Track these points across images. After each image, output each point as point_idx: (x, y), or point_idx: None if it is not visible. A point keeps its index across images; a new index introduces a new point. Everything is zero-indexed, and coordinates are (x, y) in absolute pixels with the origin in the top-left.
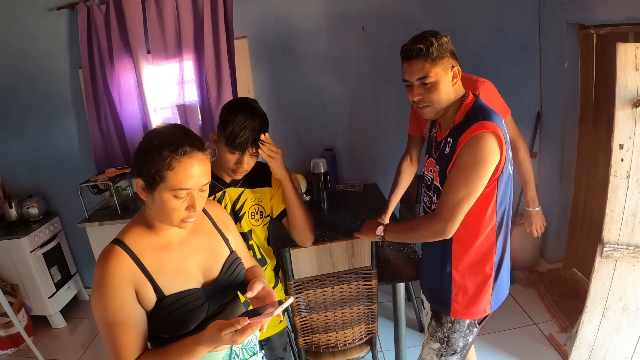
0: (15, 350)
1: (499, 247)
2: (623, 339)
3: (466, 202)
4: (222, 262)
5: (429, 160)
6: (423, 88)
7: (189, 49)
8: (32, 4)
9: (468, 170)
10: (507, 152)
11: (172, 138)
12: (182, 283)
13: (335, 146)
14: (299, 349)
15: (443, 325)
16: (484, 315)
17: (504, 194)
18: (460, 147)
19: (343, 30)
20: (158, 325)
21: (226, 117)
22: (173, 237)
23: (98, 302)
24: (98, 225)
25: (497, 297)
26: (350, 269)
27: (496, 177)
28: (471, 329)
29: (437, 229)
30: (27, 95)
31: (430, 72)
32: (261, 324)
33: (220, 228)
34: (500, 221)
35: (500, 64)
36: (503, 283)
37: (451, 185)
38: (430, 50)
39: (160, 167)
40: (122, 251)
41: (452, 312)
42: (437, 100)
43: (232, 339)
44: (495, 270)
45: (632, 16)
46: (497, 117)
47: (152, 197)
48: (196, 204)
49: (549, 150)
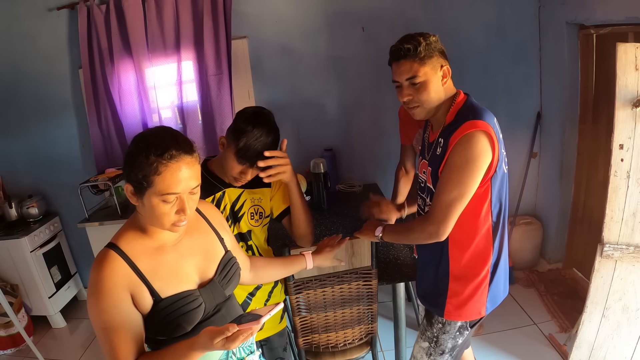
0: (15, 350)
1: (496, 248)
2: (623, 339)
3: (459, 203)
4: (217, 262)
5: (422, 162)
6: (412, 88)
7: (188, 48)
8: (32, 4)
9: (459, 170)
10: (500, 150)
11: (159, 142)
12: (178, 285)
13: (335, 146)
14: (299, 349)
15: (433, 325)
16: (478, 317)
17: (498, 194)
18: (451, 147)
19: (343, 30)
20: (155, 328)
21: (242, 126)
22: (167, 239)
23: (94, 307)
24: (98, 225)
25: (493, 299)
26: (351, 269)
27: (489, 176)
28: (462, 332)
29: (430, 231)
30: (27, 95)
31: (419, 72)
32: (251, 330)
33: (216, 227)
34: (495, 222)
35: (500, 64)
36: (499, 285)
37: (443, 186)
38: (418, 49)
39: (147, 172)
40: (116, 256)
41: (446, 314)
42: (427, 100)
43: (224, 345)
44: (491, 271)
45: (632, 16)
46: (488, 116)
47: (141, 202)
48: (186, 208)
49: (549, 150)
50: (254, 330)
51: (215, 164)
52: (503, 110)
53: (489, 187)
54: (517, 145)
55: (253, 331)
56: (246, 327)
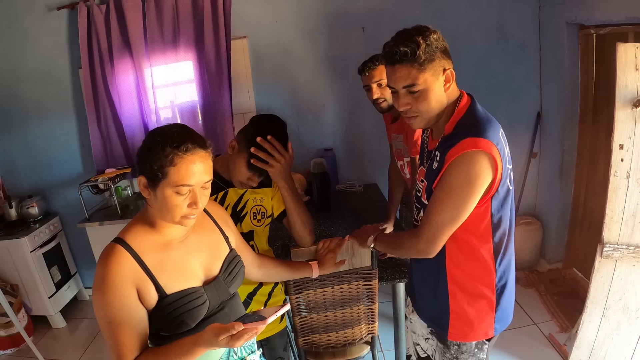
0: (15, 350)
1: (500, 270)
2: (623, 339)
3: (450, 225)
4: (222, 260)
5: (420, 169)
6: (410, 97)
7: (188, 48)
8: (32, 4)
9: (453, 192)
10: (504, 167)
11: (175, 135)
12: (184, 281)
13: (335, 146)
14: (299, 349)
15: (449, 347)
16: (486, 337)
17: (501, 212)
18: (447, 164)
19: (343, 30)
20: (159, 324)
21: (256, 135)
22: (174, 235)
23: (99, 301)
24: (98, 225)
25: (502, 320)
26: (351, 269)
27: (489, 195)
28: (480, 347)
29: (418, 249)
30: (27, 95)
31: (417, 80)
32: (256, 330)
33: (221, 225)
34: (498, 242)
35: (500, 64)
36: (507, 307)
37: (435, 206)
38: (417, 53)
39: (163, 164)
40: (123, 250)
41: (450, 335)
42: (427, 110)
43: (228, 343)
44: (497, 294)
45: (632, 16)
46: (492, 129)
47: (154, 194)
48: (198, 201)
49: (549, 150)
50: (258, 330)
51: (218, 163)
52: (503, 110)
53: (488, 207)
54: (517, 145)
55: (258, 331)
56: (251, 327)
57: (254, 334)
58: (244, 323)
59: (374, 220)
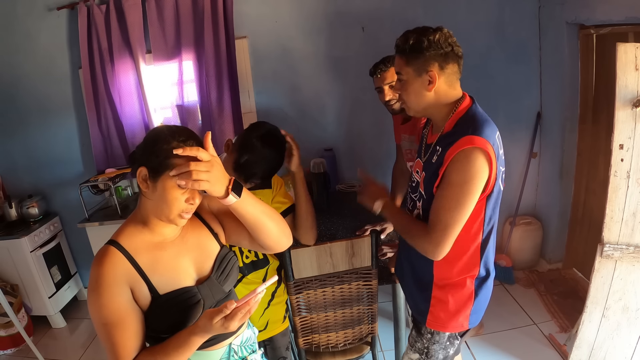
0: (15, 350)
1: (483, 264)
2: (623, 339)
3: (458, 223)
4: (213, 259)
5: (417, 160)
6: (398, 84)
7: (189, 49)
8: (32, 4)
9: (457, 189)
10: (498, 167)
11: (181, 131)
12: (176, 281)
13: (335, 146)
14: (299, 349)
15: (422, 335)
16: (461, 330)
17: (492, 212)
18: (448, 162)
19: (343, 30)
20: (154, 324)
21: (253, 142)
22: (167, 234)
23: (95, 303)
24: (98, 225)
25: (477, 313)
26: (351, 269)
27: (485, 195)
28: (452, 341)
29: (426, 249)
30: (27, 95)
31: (402, 70)
32: (248, 305)
33: (210, 223)
34: (485, 239)
35: (500, 64)
36: (484, 299)
37: (443, 205)
38: (404, 47)
39: (169, 154)
40: (116, 251)
41: (428, 322)
42: (407, 101)
43: (223, 325)
44: (477, 285)
45: (632, 16)
46: (489, 129)
47: (154, 187)
48: (196, 197)
49: (549, 150)
50: (251, 307)
51: None
52: (503, 110)
53: (483, 206)
54: (517, 145)
55: (251, 307)
56: (243, 304)
57: (248, 312)
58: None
59: (374, 219)
